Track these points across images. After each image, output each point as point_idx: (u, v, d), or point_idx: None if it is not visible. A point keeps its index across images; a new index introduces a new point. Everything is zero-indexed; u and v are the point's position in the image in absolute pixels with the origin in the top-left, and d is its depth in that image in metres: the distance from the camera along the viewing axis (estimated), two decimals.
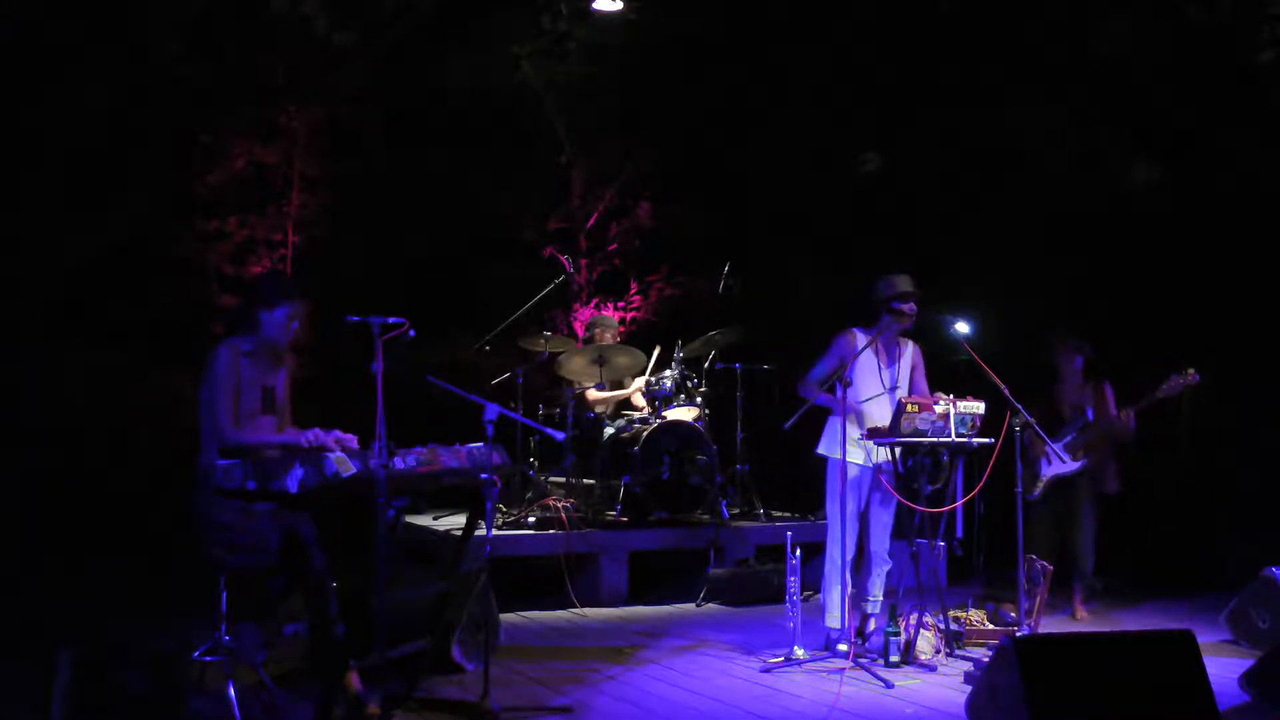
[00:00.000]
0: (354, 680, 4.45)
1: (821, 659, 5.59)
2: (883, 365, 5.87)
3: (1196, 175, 8.31)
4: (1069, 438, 6.81)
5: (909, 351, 5.99)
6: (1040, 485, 6.89)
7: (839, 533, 5.67)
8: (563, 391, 8.05)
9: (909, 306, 5.76)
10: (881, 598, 5.89)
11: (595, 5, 8.95)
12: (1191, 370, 6.50)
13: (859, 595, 5.87)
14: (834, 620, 5.76)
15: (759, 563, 7.56)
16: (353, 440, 4.48)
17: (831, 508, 5.76)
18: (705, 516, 7.74)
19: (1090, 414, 6.89)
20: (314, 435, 4.39)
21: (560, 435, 5.28)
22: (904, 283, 5.79)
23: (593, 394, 8.11)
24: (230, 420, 4.43)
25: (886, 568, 5.90)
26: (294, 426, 4.71)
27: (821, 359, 5.85)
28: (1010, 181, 9.00)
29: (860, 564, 5.92)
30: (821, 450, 5.88)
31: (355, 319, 4.34)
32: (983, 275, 8.60)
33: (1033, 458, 6.83)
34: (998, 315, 7.08)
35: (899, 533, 5.92)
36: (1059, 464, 6.84)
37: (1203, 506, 8.32)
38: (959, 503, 5.80)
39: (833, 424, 5.81)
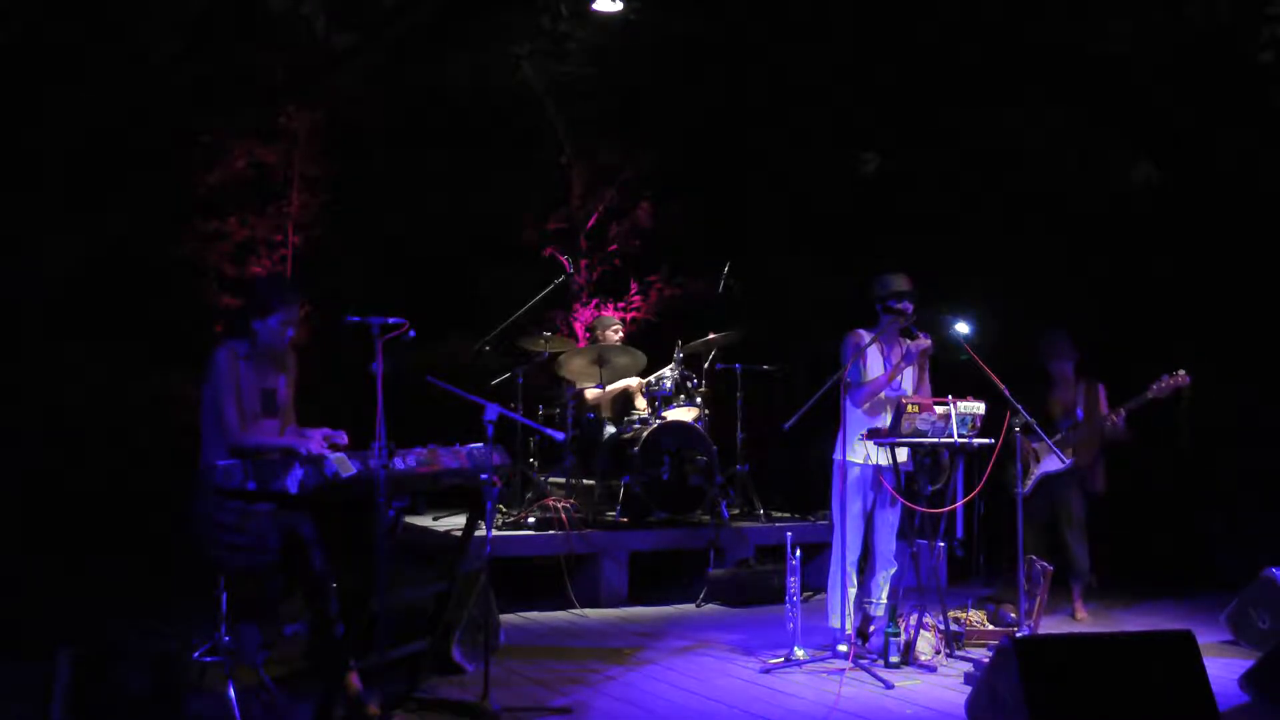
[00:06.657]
0: (354, 680, 4.45)
1: (821, 659, 5.58)
2: (891, 365, 5.86)
3: (1196, 175, 8.31)
4: (1058, 437, 6.80)
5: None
6: (1030, 483, 6.89)
7: (843, 534, 5.67)
8: (563, 391, 8.05)
9: (905, 305, 5.76)
10: (885, 600, 5.88)
11: (595, 5, 8.94)
12: (1182, 371, 6.48)
13: (862, 595, 5.86)
14: (837, 621, 5.75)
15: (759, 563, 7.55)
16: (342, 436, 4.51)
17: (835, 508, 5.76)
18: (705, 517, 7.73)
19: (1080, 414, 6.89)
20: (315, 447, 4.39)
21: (560, 435, 5.28)
22: (899, 282, 5.79)
23: (591, 392, 8.11)
24: (237, 420, 4.46)
25: (892, 570, 5.88)
26: (296, 427, 4.72)
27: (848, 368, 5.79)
28: (1010, 181, 9.00)
29: (865, 564, 5.91)
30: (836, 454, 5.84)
31: (355, 319, 4.34)
32: (983, 275, 8.59)
33: (1022, 456, 6.81)
34: (998, 315, 7.08)
35: (899, 533, 5.91)
36: (1049, 462, 6.84)
37: (1203, 506, 8.32)
38: (959, 503, 5.79)
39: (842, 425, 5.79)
